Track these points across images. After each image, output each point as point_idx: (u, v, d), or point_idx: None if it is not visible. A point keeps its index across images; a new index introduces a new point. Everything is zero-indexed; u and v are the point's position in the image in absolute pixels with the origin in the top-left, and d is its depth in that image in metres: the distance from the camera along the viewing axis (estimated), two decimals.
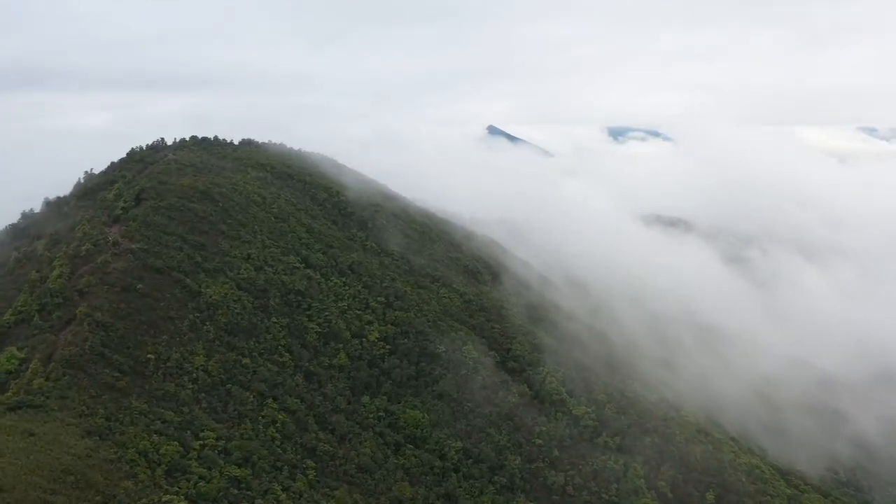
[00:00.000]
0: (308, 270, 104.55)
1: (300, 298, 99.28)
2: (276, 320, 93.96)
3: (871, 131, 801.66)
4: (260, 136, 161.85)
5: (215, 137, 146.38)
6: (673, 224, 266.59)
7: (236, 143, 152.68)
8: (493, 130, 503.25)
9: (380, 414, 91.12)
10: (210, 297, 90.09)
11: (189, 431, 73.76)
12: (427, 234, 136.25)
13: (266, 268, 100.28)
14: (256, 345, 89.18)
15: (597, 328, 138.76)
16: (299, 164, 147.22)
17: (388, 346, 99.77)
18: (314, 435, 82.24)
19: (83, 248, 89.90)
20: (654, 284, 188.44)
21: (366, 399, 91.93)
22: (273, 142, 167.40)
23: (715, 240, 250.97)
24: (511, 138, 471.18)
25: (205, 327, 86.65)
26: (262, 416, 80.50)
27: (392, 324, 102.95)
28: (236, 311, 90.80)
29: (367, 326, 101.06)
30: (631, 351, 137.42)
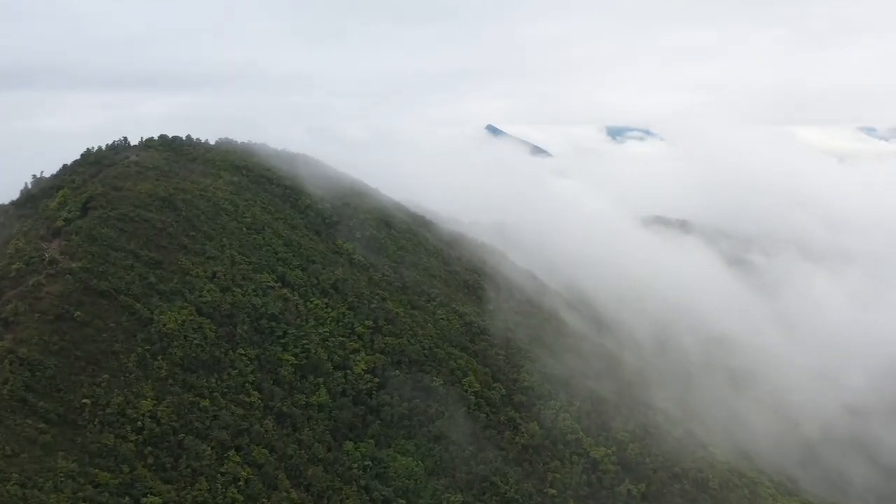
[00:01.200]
0: (284, 290, 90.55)
1: (274, 324, 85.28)
2: (243, 352, 79.96)
3: (870, 131, 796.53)
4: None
5: (188, 137, 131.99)
6: (675, 226, 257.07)
7: (212, 142, 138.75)
8: (492, 130, 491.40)
9: (366, 463, 77.28)
10: (164, 325, 76.04)
11: (128, 497, 60.19)
12: (422, 244, 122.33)
13: (234, 288, 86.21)
14: (218, 383, 75.20)
15: (607, 348, 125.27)
16: (281, 166, 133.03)
17: (376, 380, 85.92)
18: (285, 494, 68.40)
19: (13, 267, 75.76)
20: (660, 292, 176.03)
21: (349, 446, 78.03)
22: (255, 142, 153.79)
23: (716, 242, 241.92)
24: (509, 138, 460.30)
25: (156, 363, 72.65)
26: (222, 474, 66.60)
27: (381, 352, 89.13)
28: (195, 341, 76.78)
29: (352, 356, 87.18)
30: (645, 374, 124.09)
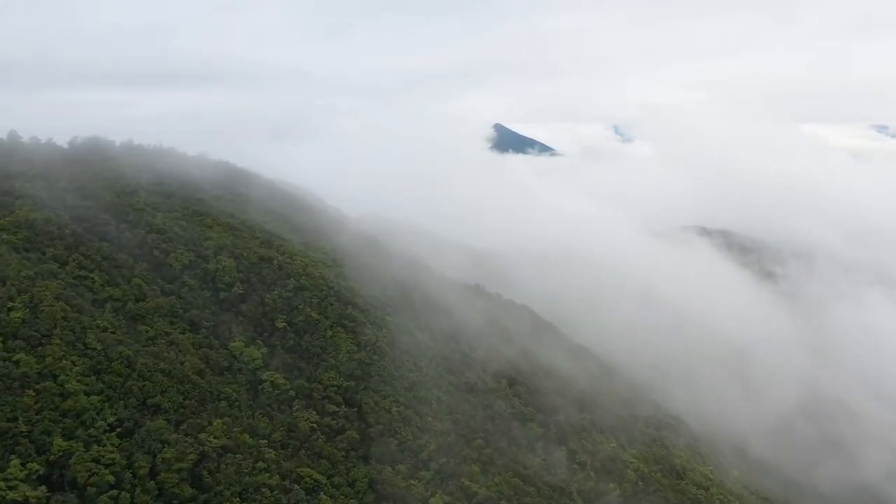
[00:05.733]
0: None
1: None
2: None
3: (882, 129, 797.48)
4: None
5: (11, 133, 79.01)
6: (690, 234, 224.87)
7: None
8: (500, 129, 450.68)
9: None
10: None
11: None
12: (405, 322, 67.48)
13: None
14: None
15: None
16: (182, 183, 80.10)
17: None
18: None
19: None
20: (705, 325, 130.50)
21: None
22: (158, 144, 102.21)
23: (744, 253, 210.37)
24: (517, 137, 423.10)
25: None
26: None
27: None
28: None
29: None
30: None
